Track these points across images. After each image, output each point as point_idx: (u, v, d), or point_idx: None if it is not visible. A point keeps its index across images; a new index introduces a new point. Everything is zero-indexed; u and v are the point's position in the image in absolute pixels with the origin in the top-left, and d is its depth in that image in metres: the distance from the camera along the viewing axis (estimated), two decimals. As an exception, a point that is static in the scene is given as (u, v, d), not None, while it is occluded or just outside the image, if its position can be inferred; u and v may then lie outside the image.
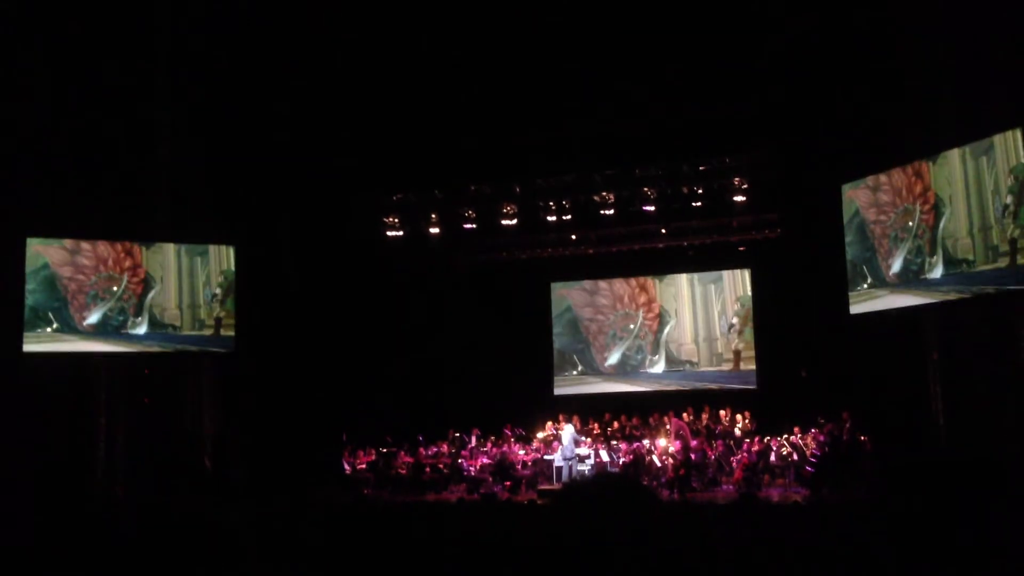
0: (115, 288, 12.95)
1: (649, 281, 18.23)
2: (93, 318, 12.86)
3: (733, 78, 12.90)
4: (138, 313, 13.10)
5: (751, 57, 12.56)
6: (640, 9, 12.36)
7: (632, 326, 18.32)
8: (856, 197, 12.25)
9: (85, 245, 12.82)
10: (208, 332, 13.53)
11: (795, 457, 14.34)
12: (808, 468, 13.81)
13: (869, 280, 11.98)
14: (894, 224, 11.52)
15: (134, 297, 13.09)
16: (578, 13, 12.43)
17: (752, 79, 12.93)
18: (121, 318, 13.01)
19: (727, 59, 12.63)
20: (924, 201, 11.03)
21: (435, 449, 16.54)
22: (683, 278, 18.17)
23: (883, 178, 11.69)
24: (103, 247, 12.91)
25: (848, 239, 12.24)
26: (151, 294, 13.17)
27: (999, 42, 10.05)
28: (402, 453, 16.40)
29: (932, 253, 10.87)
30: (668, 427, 15.65)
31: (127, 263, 13.06)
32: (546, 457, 15.73)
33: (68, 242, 12.73)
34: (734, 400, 16.73)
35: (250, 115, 13.78)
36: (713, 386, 17.60)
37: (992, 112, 10.14)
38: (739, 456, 14.66)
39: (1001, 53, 10.01)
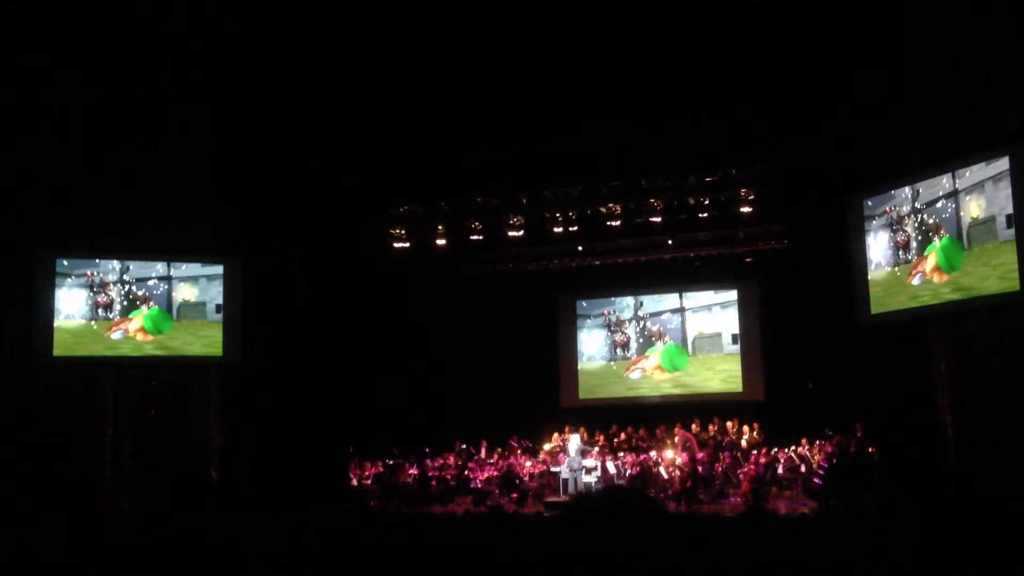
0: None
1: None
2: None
3: (739, 89, 12.90)
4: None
5: (757, 67, 12.56)
6: (646, 20, 12.38)
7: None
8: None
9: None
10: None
11: (803, 469, 14.28)
12: (816, 480, 13.75)
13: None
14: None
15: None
16: (584, 24, 12.46)
17: (759, 90, 12.93)
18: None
19: (733, 69, 12.64)
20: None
21: (441, 461, 16.51)
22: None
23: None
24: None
25: None
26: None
27: (1007, 52, 10.05)
28: (408, 465, 16.38)
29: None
30: (676, 439, 15.61)
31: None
32: (552, 469, 15.69)
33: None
34: (741, 412, 16.68)
35: (256, 127, 13.83)
36: (719, 397, 17.58)
37: (1001, 126, 10.14)
38: (746, 468, 14.60)
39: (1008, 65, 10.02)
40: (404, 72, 13.31)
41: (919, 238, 11.33)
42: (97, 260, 13.10)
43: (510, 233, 16.86)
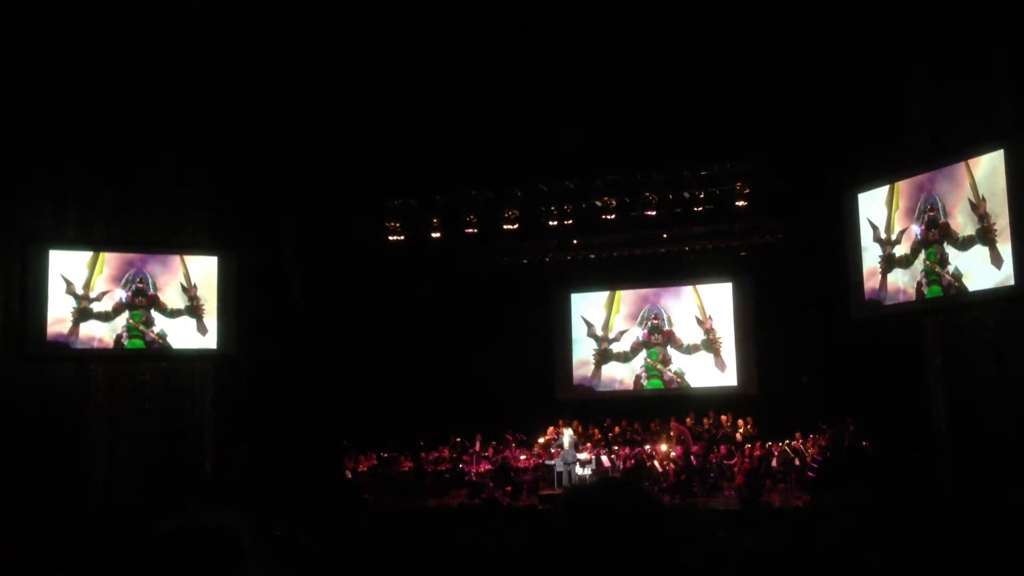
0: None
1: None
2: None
3: (735, 82, 12.90)
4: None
5: (753, 61, 12.56)
6: (642, 13, 12.37)
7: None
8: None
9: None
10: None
11: (796, 462, 14.32)
12: (809, 473, 13.80)
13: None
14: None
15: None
16: (579, 17, 12.44)
17: (755, 83, 12.93)
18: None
19: (728, 63, 12.63)
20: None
21: (436, 454, 16.53)
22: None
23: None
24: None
25: None
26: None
27: (1001, 47, 10.06)
28: (403, 458, 16.39)
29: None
30: (670, 432, 15.64)
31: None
32: (547, 462, 15.72)
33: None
34: (736, 405, 16.72)
35: (251, 120, 13.80)
36: (714, 391, 17.58)
37: (996, 120, 10.15)
38: (739, 461, 14.64)
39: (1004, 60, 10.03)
40: (400, 65, 13.28)
41: (914, 234, 11.36)
42: (90, 252, 13.06)
43: (505, 226, 16.85)
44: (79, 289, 12.88)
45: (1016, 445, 9.70)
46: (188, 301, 13.48)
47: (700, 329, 17.95)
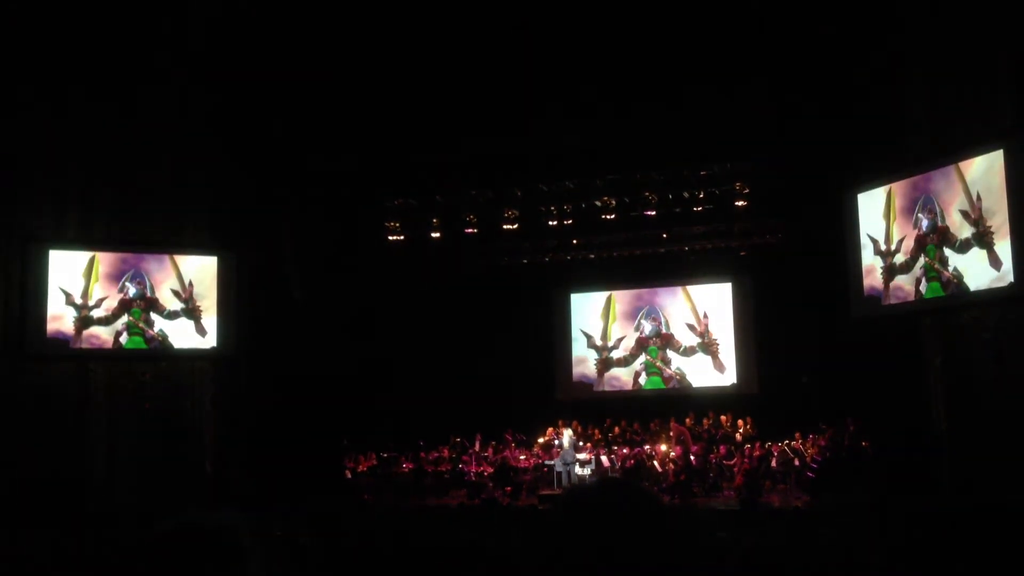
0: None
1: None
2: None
3: (735, 82, 12.90)
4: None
5: (753, 61, 12.56)
6: (642, 12, 12.37)
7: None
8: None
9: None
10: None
11: (796, 463, 14.32)
12: (809, 474, 13.79)
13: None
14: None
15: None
16: (577, 17, 12.44)
17: (755, 83, 12.93)
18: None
19: (728, 63, 12.63)
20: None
21: (436, 454, 16.52)
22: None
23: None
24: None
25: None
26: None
27: (1000, 47, 10.06)
28: (403, 458, 16.38)
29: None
30: (670, 432, 15.63)
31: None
32: (547, 463, 15.72)
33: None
34: (735, 405, 16.71)
35: (251, 120, 13.80)
36: (713, 391, 17.58)
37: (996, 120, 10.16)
38: (739, 461, 14.64)
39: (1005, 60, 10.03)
40: (399, 65, 13.28)
41: (913, 236, 11.36)
42: (87, 258, 13.06)
43: (505, 226, 16.85)
44: (78, 299, 12.89)
45: (1016, 445, 9.69)
46: (183, 303, 13.48)
47: (693, 334, 17.93)
